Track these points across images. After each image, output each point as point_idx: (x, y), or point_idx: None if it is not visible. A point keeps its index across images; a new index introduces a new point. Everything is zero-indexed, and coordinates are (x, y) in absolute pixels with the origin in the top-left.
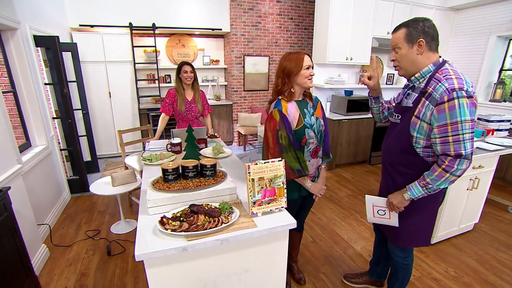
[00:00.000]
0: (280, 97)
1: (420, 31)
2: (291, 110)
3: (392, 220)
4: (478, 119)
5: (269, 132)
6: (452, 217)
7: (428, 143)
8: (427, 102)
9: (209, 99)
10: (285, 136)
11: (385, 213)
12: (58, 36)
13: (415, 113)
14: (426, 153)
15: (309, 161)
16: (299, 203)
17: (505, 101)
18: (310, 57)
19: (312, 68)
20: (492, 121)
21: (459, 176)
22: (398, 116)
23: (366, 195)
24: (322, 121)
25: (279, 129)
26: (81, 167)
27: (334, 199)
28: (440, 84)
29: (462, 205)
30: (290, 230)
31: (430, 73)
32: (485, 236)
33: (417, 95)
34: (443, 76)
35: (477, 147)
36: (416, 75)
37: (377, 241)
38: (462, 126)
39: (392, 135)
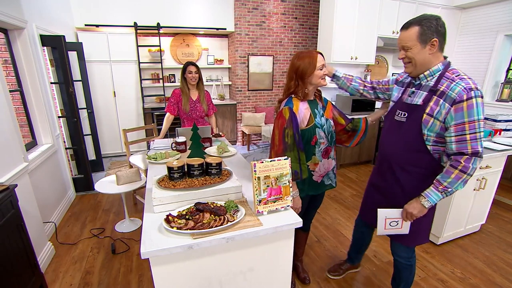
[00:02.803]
0: (292, 95)
1: (434, 30)
2: (302, 109)
3: (404, 229)
4: (485, 118)
5: (276, 129)
6: (458, 218)
7: (436, 139)
8: (441, 100)
9: (213, 98)
10: (291, 135)
11: (397, 223)
12: (64, 36)
13: (427, 111)
14: (436, 150)
15: (321, 161)
16: (307, 201)
17: None
18: (322, 55)
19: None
20: (499, 121)
21: (471, 176)
22: (404, 114)
23: (378, 209)
24: (332, 122)
25: (287, 127)
26: (86, 165)
27: (339, 199)
28: (455, 83)
29: (469, 206)
30: (296, 229)
31: (440, 72)
32: (492, 237)
33: (425, 93)
34: (456, 76)
35: (484, 147)
36: (425, 73)
37: (359, 234)
38: (479, 124)
39: (397, 133)
